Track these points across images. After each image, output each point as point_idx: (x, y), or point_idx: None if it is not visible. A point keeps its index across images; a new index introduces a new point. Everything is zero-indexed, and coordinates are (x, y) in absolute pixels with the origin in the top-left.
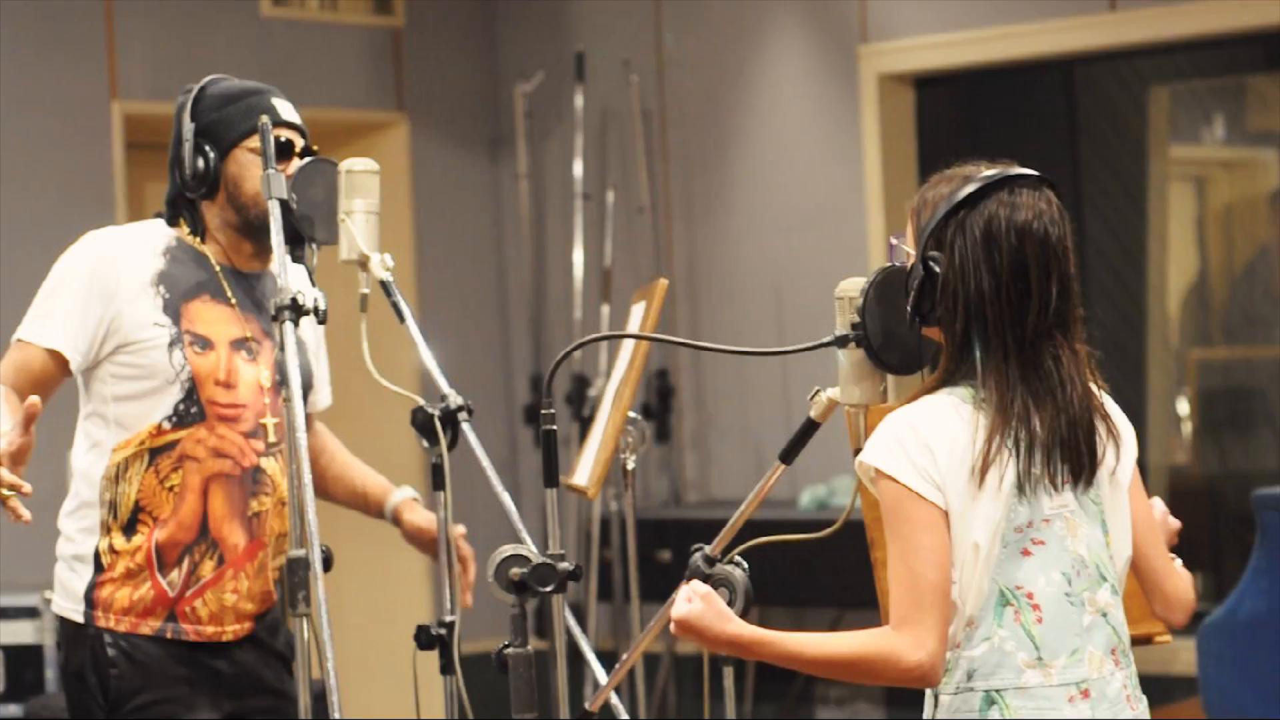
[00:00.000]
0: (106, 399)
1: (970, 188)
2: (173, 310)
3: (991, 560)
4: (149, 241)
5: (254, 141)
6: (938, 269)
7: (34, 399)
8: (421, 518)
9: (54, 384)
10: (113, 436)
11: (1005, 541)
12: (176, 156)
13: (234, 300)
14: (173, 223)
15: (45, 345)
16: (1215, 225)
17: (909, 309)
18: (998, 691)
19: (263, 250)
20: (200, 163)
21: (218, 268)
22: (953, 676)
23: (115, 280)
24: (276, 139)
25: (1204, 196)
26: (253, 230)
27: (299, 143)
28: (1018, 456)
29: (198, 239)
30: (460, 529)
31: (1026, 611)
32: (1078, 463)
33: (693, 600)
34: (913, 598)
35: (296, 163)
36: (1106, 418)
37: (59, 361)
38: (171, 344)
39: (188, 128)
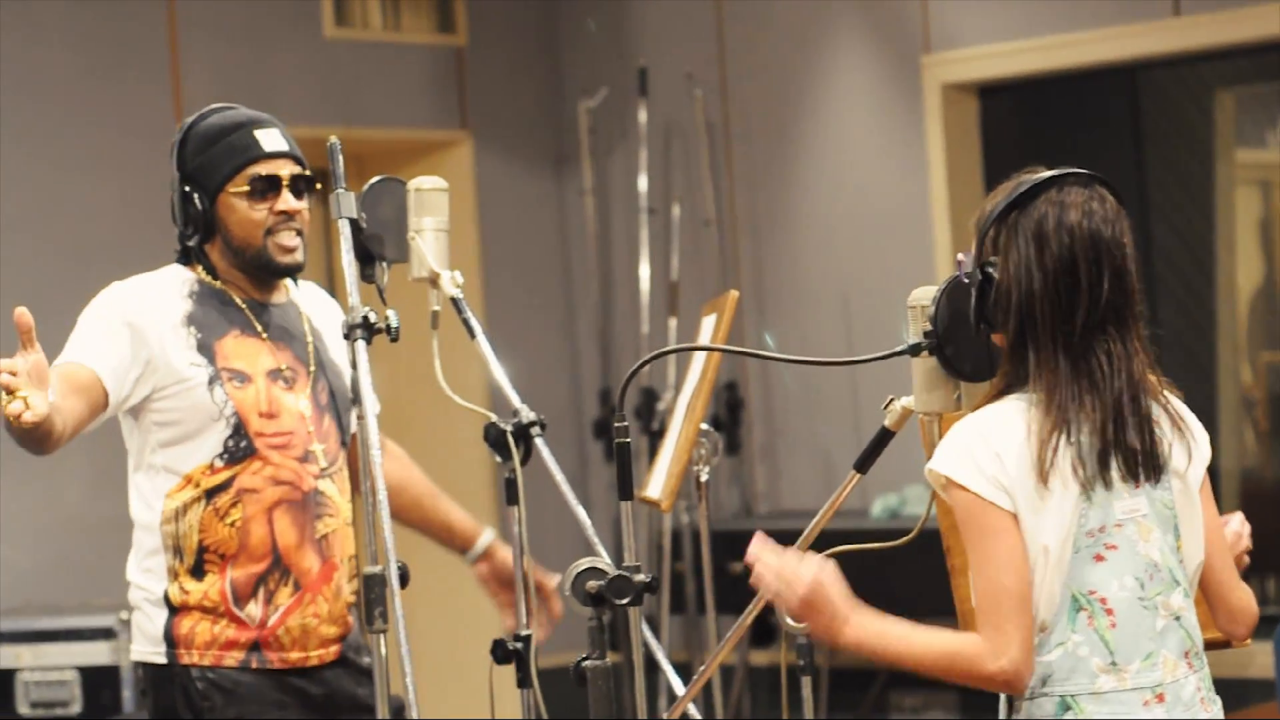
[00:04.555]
0: (153, 447)
1: (1019, 190)
2: (207, 350)
3: (1063, 565)
4: (172, 285)
5: (238, 184)
6: (994, 274)
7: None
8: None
9: (96, 399)
10: (163, 483)
11: (1077, 546)
12: (172, 203)
13: (264, 333)
14: (187, 263)
15: (88, 364)
16: None
17: (972, 317)
18: (1072, 696)
19: (275, 284)
20: (191, 210)
21: (241, 303)
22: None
23: (147, 325)
24: (259, 176)
25: (1270, 200)
26: (254, 269)
27: (286, 174)
28: (1077, 455)
29: (213, 278)
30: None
31: (1100, 616)
32: (1131, 457)
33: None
34: (992, 604)
35: (287, 196)
36: (1177, 419)
37: (101, 385)
38: (211, 382)
39: (174, 176)
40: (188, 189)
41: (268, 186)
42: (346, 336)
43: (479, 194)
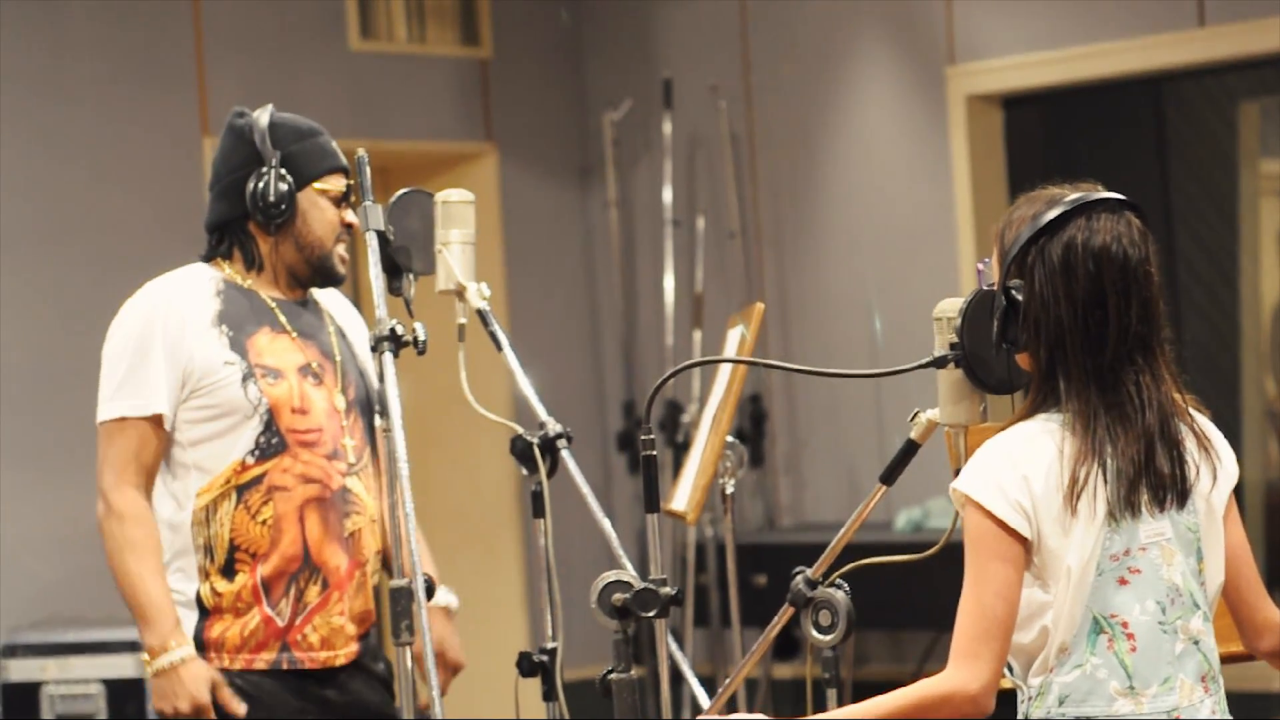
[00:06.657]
0: (183, 445)
1: (1050, 214)
2: (239, 347)
3: (1085, 587)
4: (200, 285)
5: (324, 184)
6: (1019, 297)
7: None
8: (446, 632)
9: (163, 435)
10: (194, 482)
11: (1101, 569)
12: (234, 182)
13: (292, 330)
14: (210, 259)
15: (150, 413)
16: None
17: (994, 337)
18: (1088, 718)
19: (306, 287)
20: (282, 188)
21: (269, 301)
22: (1044, 701)
23: (180, 327)
24: (339, 186)
25: None
26: (309, 269)
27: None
28: (1106, 482)
29: (240, 274)
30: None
31: (1120, 640)
32: (1160, 485)
33: None
34: (978, 629)
35: (348, 211)
36: (1203, 439)
37: (161, 424)
38: (245, 379)
39: (271, 154)
40: (283, 170)
41: (342, 197)
42: (374, 349)
43: (504, 206)
